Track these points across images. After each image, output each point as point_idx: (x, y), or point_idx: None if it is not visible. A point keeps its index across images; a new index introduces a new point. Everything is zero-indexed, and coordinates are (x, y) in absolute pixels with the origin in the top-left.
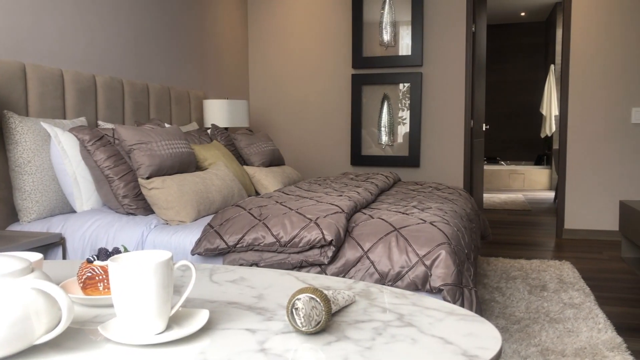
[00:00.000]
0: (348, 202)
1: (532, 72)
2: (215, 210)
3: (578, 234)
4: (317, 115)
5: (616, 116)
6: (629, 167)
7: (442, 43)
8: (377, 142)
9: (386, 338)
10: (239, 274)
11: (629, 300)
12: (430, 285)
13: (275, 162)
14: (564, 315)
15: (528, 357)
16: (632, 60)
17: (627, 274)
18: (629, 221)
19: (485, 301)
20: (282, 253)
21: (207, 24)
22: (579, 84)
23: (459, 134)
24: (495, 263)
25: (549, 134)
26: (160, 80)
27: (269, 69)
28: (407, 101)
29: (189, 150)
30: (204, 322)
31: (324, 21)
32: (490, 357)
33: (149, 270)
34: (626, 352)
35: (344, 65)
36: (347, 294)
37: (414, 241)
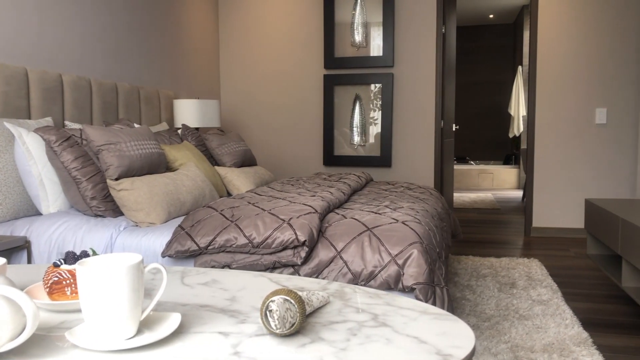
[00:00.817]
0: (321, 203)
1: (500, 73)
2: (186, 212)
3: (546, 232)
4: (290, 115)
5: (581, 117)
6: (593, 166)
7: (413, 44)
8: (349, 143)
9: (361, 339)
10: (211, 276)
11: (594, 296)
12: (402, 285)
13: (247, 163)
14: (532, 311)
15: (498, 353)
16: (595, 63)
17: (592, 271)
18: (593, 219)
19: (456, 299)
20: (255, 254)
21: (177, 22)
22: (545, 85)
23: (430, 134)
24: (466, 261)
25: (517, 134)
26: (129, 79)
27: (241, 68)
28: (379, 102)
29: (159, 150)
30: (175, 326)
31: (296, 21)
32: (464, 355)
33: (119, 274)
34: (592, 346)
35: (316, 65)
36: (321, 294)
37: (386, 241)
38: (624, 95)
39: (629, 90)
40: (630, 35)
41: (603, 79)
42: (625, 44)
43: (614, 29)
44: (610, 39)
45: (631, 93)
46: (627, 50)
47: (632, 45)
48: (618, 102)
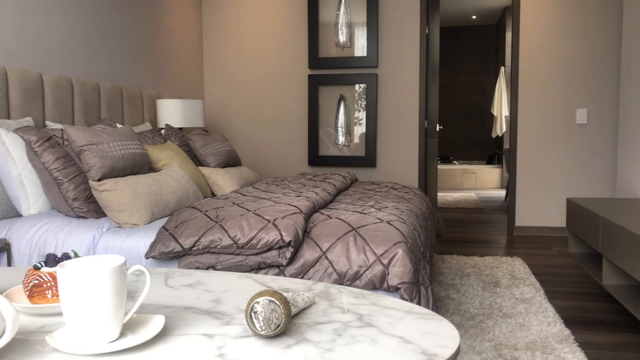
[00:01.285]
0: (306, 203)
1: (483, 74)
2: (170, 213)
3: (528, 230)
4: (274, 115)
5: (563, 117)
6: (575, 166)
7: (397, 45)
8: (334, 143)
9: (346, 339)
10: (195, 278)
11: (576, 294)
12: (387, 284)
13: (231, 163)
14: (515, 310)
15: (483, 352)
16: (576, 64)
17: (574, 269)
18: (575, 218)
19: (440, 298)
20: (240, 255)
21: (160, 22)
22: (527, 86)
23: (414, 134)
24: (450, 260)
25: (499, 134)
26: (111, 79)
27: (224, 68)
28: (363, 102)
29: (142, 151)
30: (159, 328)
31: (280, 21)
32: (449, 355)
33: (101, 276)
34: (574, 343)
35: (300, 65)
36: (306, 295)
37: (371, 240)
38: (604, 95)
39: (609, 91)
40: (610, 37)
41: (583, 80)
42: (605, 45)
43: (594, 31)
44: (590, 41)
45: (610, 94)
46: (607, 51)
47: (611, 46)
48: (598, 102)
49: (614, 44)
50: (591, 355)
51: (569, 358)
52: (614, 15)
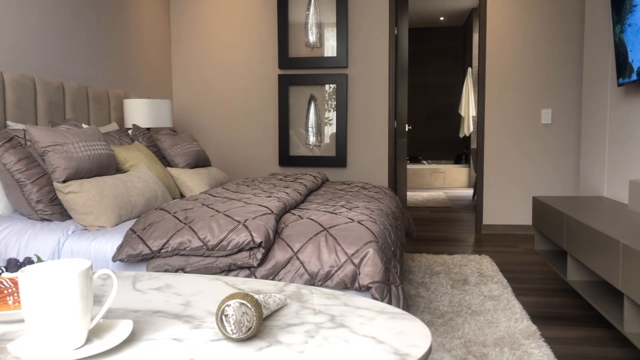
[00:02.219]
0: (277, 203)
1: (451, 75)
2: (138, 215)
3: (496, 229)
4: (244, 115)
5: (528, 117)
6: (540, 165)
7: (366, 45)
8: (304, 143)
9: (319, 341)
10: (164, 281)
11: (542, 290)
12: (359, 284)
13: (200, 163)
14: (484, 307)
15: (452, 349)
16: (541, 65)
17: (540, 266)
18: (540, 216)
19: (411, 296)
20: (210, 257)
21: (127, 21)
22: (494, 87)
23: (384, 134)
24: (420, 259)
25: (467, 134)
26: (76, 78)
27: (193, 67)
28: (334, 102)
29: (109, 151)
30: (127, 333)
31: (249, 21)
32: (421, 354)
33: (65, 282)
34: (540, 339)
35: (270, 65)
36: (278, 297)
37: (342, 240)
38: (567, 96)
39: (572, 92)
40: (573, 39)
41: (548, 81)
42: (568, 47)
43: (558, 33)
44: (555, 43)
45: (573, 95)
46: (570, 53)
47: (574, 48)
48: (562, 103)
49: (577, 47)
50: (556, 350)
51: (536, 353)
52: (576, 19)
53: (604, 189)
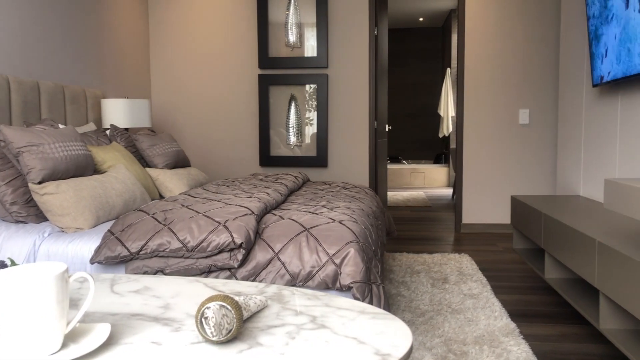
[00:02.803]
0: (258, 204)
1: (430, 75)
2: (116, 216)
3: (475, 228)
4: (224, 115)
5: (506, 117)
6: (518, 165)
7: (346, 46)
8: (285, 143)
9: (300, 342)
10: (143, 283)
11: (520, 288)
12: (340, 284)
13: (180, 164)
14: (464, 305)
15: (433, 347)
16: (519, 66)
17: (518, 264)
18: (519, 215)
19: (392, 296)
20: (190, 258)
21: (104, 19)
22: (473, 87)
23: (364, 134)
24: (400, 258)
25: (446, 134)
26: (52, 77)
27: (172, 67)
28: (314, 102)
29: (86, 152)
30: (104, 337)
31: (229, 20)
32: (402, 354)
33: (40, 286)
34: (519, 336)
35: (250, 65)
36: (258, 298)
37: (323, 240)
38: (544, 97)
39: (549, 93)
40: (549, 40)
41: (526, 82)
42: (545, 48)
43: (535, 34)
44: (532, 44)
45: (550, 95)
46: (547, 54)
47: (551, 49)
48: (539, 103)
49: (553, 48)
50: (535, 347)
51: (515, 351)
52: (553, 20)
53: (580, 188)
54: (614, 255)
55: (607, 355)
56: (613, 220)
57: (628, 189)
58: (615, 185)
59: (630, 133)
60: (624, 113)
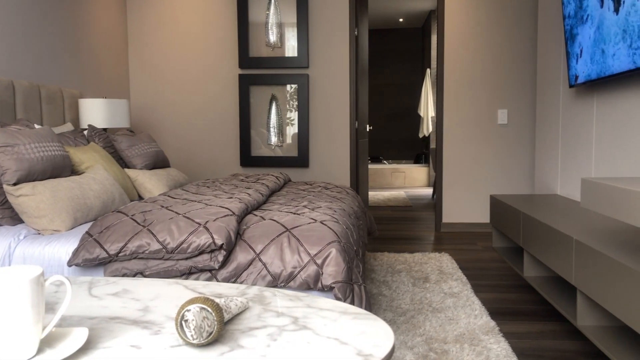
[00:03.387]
0: (239, 204)
1: (410, 76)
2: (94, 217)
3: (455, 227)
4: (204, 115)
5: (485, 117)
6: (497, 164)
7: (327, 46)
8: (266, 143)
9: (281, 343)
10: (122, 286)
11: (500, 286)
12: (321, 284)
13: (159, 164)
14: (444, 304)
15: (414, 346)
16: (497, 66)
17: (497, 263)
18: (498, 214)
19: (373, 295)
20: (170, 260)
21: (82, 18)
22: (452, 88)
23: (345, 134)
24: (381, 258)
25: (426, 134)
26: (28, 77)
27: (151, 66)
28: (295, 102)
29: (63, 153)
30: (82, 342)
31: (209, 19)
32: (384, 354)
33: (14, 290)
34: (499, 334)
35: (230, 64)
36: (239, 300)
37: (305, 241)
38: (522, 97)
39: (526, 93)
40: (527, 42)
41: (504, 82)
42: (522, 49)
43: (514, 35)
44: (510, 45)
45: (528, 95)
46: (524, 55)
47: (528, 50)
48: (517, 103)
49: (531, 49)
50: (514, 344)
51: (495, 348)
52: (531, 22)
53: (557, 187)
54: (590, 253)
55: (585, 352)
56: (590, 218)
57: (604, 188)
58: (591, 185)
59: (606, 133)
60: (600, 114)
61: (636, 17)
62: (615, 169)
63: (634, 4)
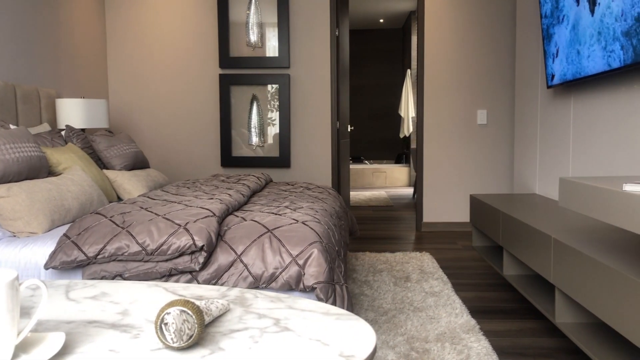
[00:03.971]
0: (219, 205)
1: (391, 76)
2: (72, 219)
3: (435, 226)
4: (184, 115)
5: (465, 117)
6: (476, 164)
7: (308, 46)
8: (247, 143)
9: (263, 346)
10: (100, 289)
11: (480, 285)
12: (303, 285)
13: (138, 165)
14: (426, 303)
15: (396, 346)
16: (477, 67)
17: (477, 262)
18: (477, 213)
19: (355, 295)
20: (149, 262)
21: (59, 16)
22: (432, 88)
23: (327, 134)
24: (363, 258)
25: (407, 134)
26: (2, 76)
27: (130, 66)
28: (276, 102)
29: (40, 154)
30: (58, 347)
31: (189, 19)
32: (366, 355)
33: None
34: (479, 332)
35: (211, 64)
36: (220, 302)
37: (287, 241)
38: (501, 97)
39: (505, 94)
40: (506, 42)
41: (484, 83)
42: (502, 50)
43: (493, 36)
44: (489, 46)
45: (507, 96)
46: (504, 56)
47: (507, 51)
48: (496, 104)
49: (510, 49)
50: (494, 342)
51: (475, 347)
52: (510, 22)
53: (536, 186)
54: (568, 251)
55: (563, 348)
56: (567, 217)
57: (581, 187)
58: (569, 184)
59: (582, 133)
60: (577, 114)
61: (611, 19)
62: (592, 169)
63: (609, 6)
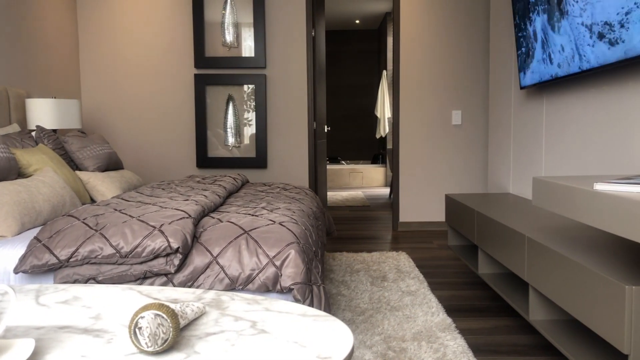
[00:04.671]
0: (195, 207)
1: (367, 77)
2: (43, 222)
3: (411, 226)
4: (159, 115)
5: (440, 118)
6: (451, 164)
7: (284, 46)
8: (223, 144)
9: (240, 349)
10: (72, 293)
11: (456, 284)
12: (280, 286)
13: (112, 166)
14: (402, 302)
15: (373, 345)
16: (452, 68)
17: (453, 260)
18: (452, 212)
19: (332, 295)
20: (124, 265)
21: (28, 13)
22: (408, 89)
23: (303, 135)
24: (340, 258)
25: (383, 134)
26: None
27: (104, 66)
28: (253, 103)
29: (8, 155)
30: (28, 354)
31: (163, 18)
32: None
33: None
34: (455, 331)
35: (186, 64)
36: (196, 305)
37: (264, 242)
38: (476, 98)
39: (479, 94)
40: (480, 43)
41: (458, 83)
42: (476, 51)
43: (468, 37)
44: (464, 47)
45: (481, 97)
46: (478, 57)
47: (482, 52)
48: (471, 104)
49: (484, 51)
50: (470, 340)
51: (451, 345)
52: (484, 24)
53: (509, 186)
54: (542, 250)
55: (537, 345)
56: (541, 216)
57: (554, 187)
58: (542, 183)
59: (555, 133)
60: (549, 114)
61: (588, 19)
62: (565, 168)
63: (584, 8)
